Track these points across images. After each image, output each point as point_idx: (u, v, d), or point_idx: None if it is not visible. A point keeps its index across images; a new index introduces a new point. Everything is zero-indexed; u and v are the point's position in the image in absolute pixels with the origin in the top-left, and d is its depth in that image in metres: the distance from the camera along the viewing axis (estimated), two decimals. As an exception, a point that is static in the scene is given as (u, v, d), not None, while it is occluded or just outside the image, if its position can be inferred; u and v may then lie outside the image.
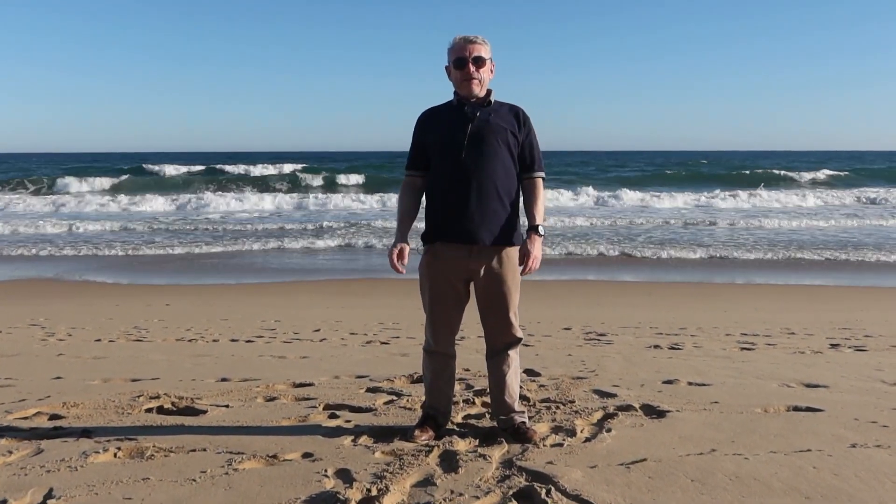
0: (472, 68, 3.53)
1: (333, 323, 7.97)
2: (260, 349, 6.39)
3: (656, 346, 6.36)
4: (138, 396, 4.60)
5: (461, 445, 3.54)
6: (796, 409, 4.20)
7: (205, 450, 3.50)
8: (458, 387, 4.76)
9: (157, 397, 4.54)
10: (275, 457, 3.36)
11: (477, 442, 3.61)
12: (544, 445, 3.51)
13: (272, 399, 4.53)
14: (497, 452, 3.42)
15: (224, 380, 5.12)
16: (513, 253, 3.60)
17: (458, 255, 3.59)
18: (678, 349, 6.26)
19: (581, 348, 6.33)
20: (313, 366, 5.60)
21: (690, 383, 4.86)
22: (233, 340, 6.85)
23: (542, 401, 4.38)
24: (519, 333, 3.81)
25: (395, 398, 4.50)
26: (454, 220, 3.56)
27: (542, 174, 3.68)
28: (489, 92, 3.64)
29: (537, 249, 3.55)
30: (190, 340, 6.87)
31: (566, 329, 7.46)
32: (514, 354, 3.78)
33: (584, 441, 3.60)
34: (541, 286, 12.18)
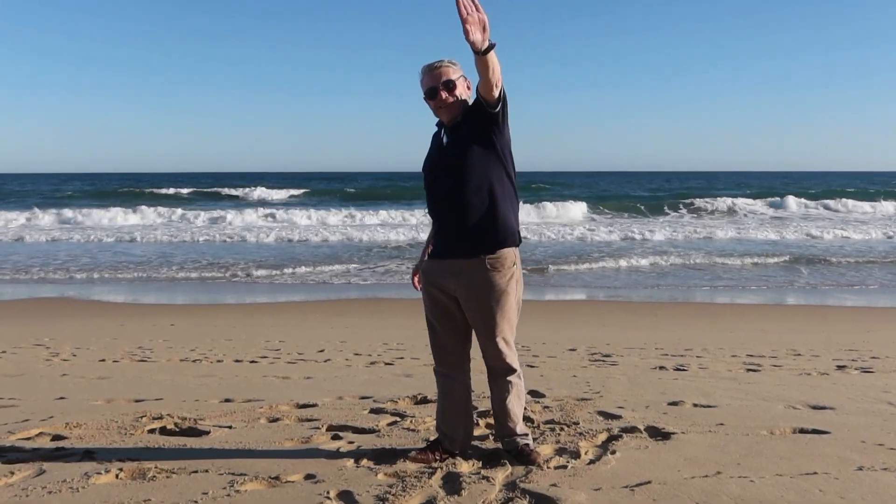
0: (445, 94, 3.45)
1: (338, 343, 7.95)
2: (264, 370, 6.37)
3: (661, 368, 6.33)
4: (141, 417, 4.59)
5: (464, 467, 3.52)
6: (802, 431, 4.17)
7: (207, 471, 3.49)
8: (461, 408, 4.75)
9: (160, 418, 4.53)
10: (277, 478, 3.35)
11: (480, 464, 3.60)
12: (548, 467, 3.49)
13: (275, 420, 4.52)
14: (500, 474, 3.40)
15: (227, 400, 5.11)
16: (496, 264, 3.44)
17: (441, 271, 3.56)
18: (683, 370, 6.23)
19: (586, 369, 6.31)
20: (317, 386, 5.59)
21: (696, 405, 4.84)
22: (237, 361, 6.84)
23: (547, 422, 4.36)
24: (510, 361, 3.60)
25: (398, 419, 4.49)
26: (437, 237, 3.61)
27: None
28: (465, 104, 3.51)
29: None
30: (194, 361, 6.87)
31: (571, 350, 7.44)
32: (514, 380, 3.65)
33: (589, 463, 3.58)
34: (546, 306, 12.16)
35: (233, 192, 48.88)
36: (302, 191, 50.43)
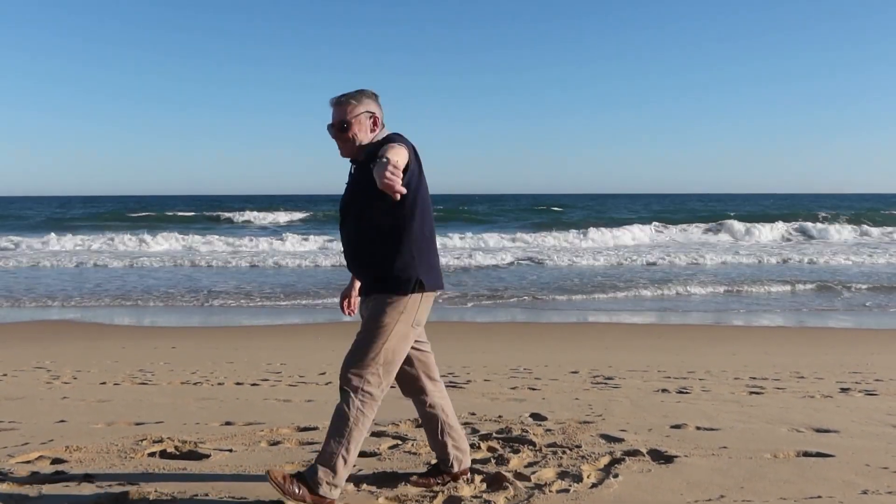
0: (336, 132, 3.36)
1: (339, 366, 7.92)
2: (265, 392, 6.35)
3: (664, 390, 6.30)
4: (142, 440, 4.57)
5: (466, 491, 3.50)
6: (806, 454, 4.15)
7: (207, 495, 3.47)
8: (462, 431, 4.73)
9: (161, 441, 4.51)
10: (278, 503, 3.32)
11: (483, 487, 3.58)
12: (550, 491, 3.48)
13: (276, 443, 4.50)
14: (502, 498, 3.38)
15: (228, 423, 5.09)
16: (386, 307, 3.29)
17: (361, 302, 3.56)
18: (686, 393, 6.20)
19: (588, 392, 6.28)
20: (318, 409, 5.57)
21: (699, 428, 4.81)
22: (238, 384, 6.81)
23: (549, 445, 4.34)
24: (352, 377, 3.32)
25: (399, 443, 4.47)
26: None
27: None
28: (372, 144, 3.33)
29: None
30: (195, 384, 6.84)
31: (573, 373, 7.41)
32: (343, 403, 3.32)
33: (591, 487, 3.56)
34: (549, 329, 12.14)
35: (236, 215, 49.02)
36: (305, 213, 50.61)
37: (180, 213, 48.54)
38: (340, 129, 3.33)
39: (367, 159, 3.24)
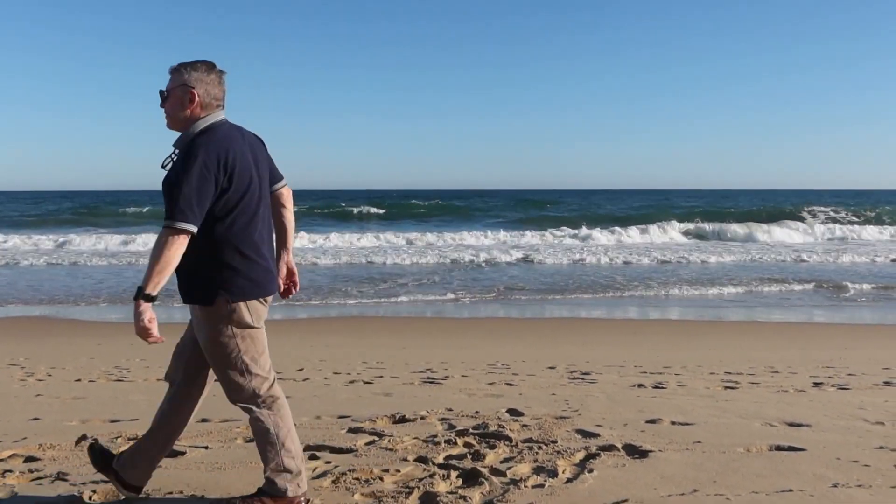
0: (161, 103, 3.11)
1: (317, 362, 7.91)
2: (242, 389, 6.32)
3: (640, 385, 6.34)
4: (116, 437, 4.55)
5: (441, 487, 3.51)
6: (779, 448, 4.19)
7: (181, 492, 3.47)
8: (439, 427, 4.75)
9: (136, 438, 4.47)
10: (254, 496, 3.31)
11: (459, 483, 3.59)
12: (525, 487, 3.49)
13: (252, 440, 4.48)
14: (477, 494, 3.40)
15: (204, 420, 5.06)
16: (198, 312, 3.14)
17: None
18: (662, 388, 6.24)
19: (565, 387, 6.31)
20: (295, 406, 5.52)
21: (673, 423, 4.85)
22: (215, 380, 6.76)
23: (525, 441, 4.35)
24: (240, 401, 3.29)
25: (376, 439, 4.47)
26: None
27: (172, 224, 2.87)
28: (187, 134, 3.06)
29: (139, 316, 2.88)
30: (172, 380, 6.80)
31: (551, 368, 7.44)
32: (252, 420, 3.27)
33: (566, 482, 3.58)
34: (528, 324, 12.19)
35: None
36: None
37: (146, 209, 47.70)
38: (161, 98, 3.09)
39: (180, 148, 3.05)
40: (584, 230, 32.04)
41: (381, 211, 49.03)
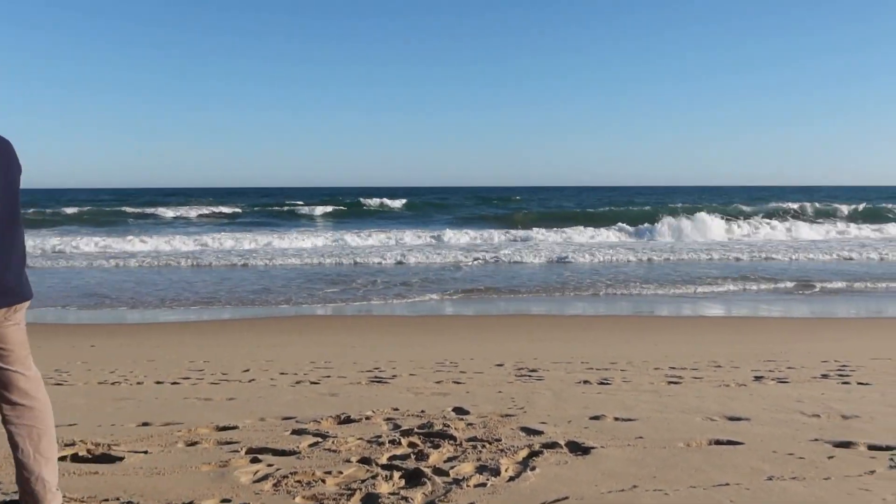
0: None
1: (264, 362, 7.83)
2: (185, 391, 6.23)
3: (586, 382, 6.40)
4: (53, 444, 4.44)
5: (384, 488, 3.50)
6: (718, 442, 4.26)
7: (118, 499, 3.39)
8: (384, 427, 4.74)
9: (73, 444, 4.38)
10: (190, 504, 3.27)
11: (402, 483, 3.58)
12: (468, 486, 3.50)
13: (193, 444, 4.42)
14: (419, 494, 3.39)
15: (145, 424, 4.97)
16: None
17: None
18: (607, 384, 6.31)
19: (512, 385, 6.34)
20: (239, 408, 5.49)
21: (617, 419, 4.90)
22: (158, 383, 6.67)
23: (469, 440, 4.36)
24: None
25: (320, 440, 4.43)
26: None
27: None
28: None
29: None
30: (113, 383, 6.67)
31: (499, 365, 7.47)
32: None
33: (509, 480, 3.60)
34: (477, 321, 12.22)
35: (162, 211, 47.80)
36: (232, 209, 49.70)
37: (84, 209, 46.45)
38: None
39: None
40: (539, 229, 32.06)
41: (334, 209, 48.75)
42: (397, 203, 54.86)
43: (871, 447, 4.11)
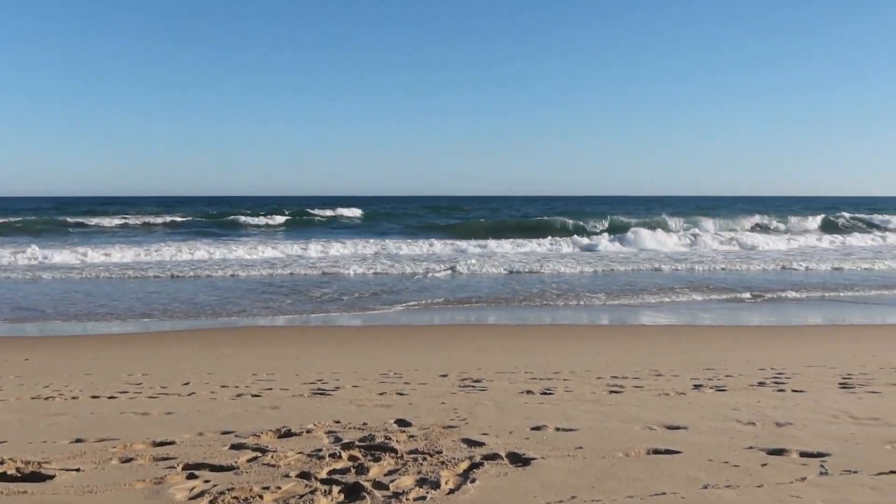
0: None
1: (205, 375, 7.71)
2: (122, 406, 6.09)
3: (529, 392, 6.43)
4: (-20, 462, 4.30)
5: (322, 502, 3.46)
6: (656, 451, 4.31)
7: (47, 519, 3.29)
8: (325, 440, 4.69)
9: (2, 463, 4.25)
10: (122, 524, 3.19)
11: (340, 498, 3.54)
12: (407, 500, 3.48)
13: (128, 460, 4.31)
14: (358, 509, 3.36)
15: (79, 440, 4.84)
16: None
17: None
18: (550, 394, 6.35)
19: (455, 396, 6.34)
20: (178, 422, 5.38)
21: (558, 429, 4.93)
22: (94, 397, 6.51)
23: (410, 452, 4.34)
24: None
25: (259, 455, 4.36)
26: None
27: None
28: None
29: None
30: (47, 398, 6.49)
31: (443, 376, 7.46)
32: None
33: (448, 493, 3.59)
34: (422, 332, 12.19)
35: (102, 220, 46.75)
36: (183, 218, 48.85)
37: (19, 219, 45.18)
38: None
39: None
40: (486, 240, 32.03)
41: (281, 219, 48.25)
42: (346, 212, 54.63)
43: (803, 454, 4.20)
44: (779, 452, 4.25)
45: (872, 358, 8.67)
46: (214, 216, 50.34)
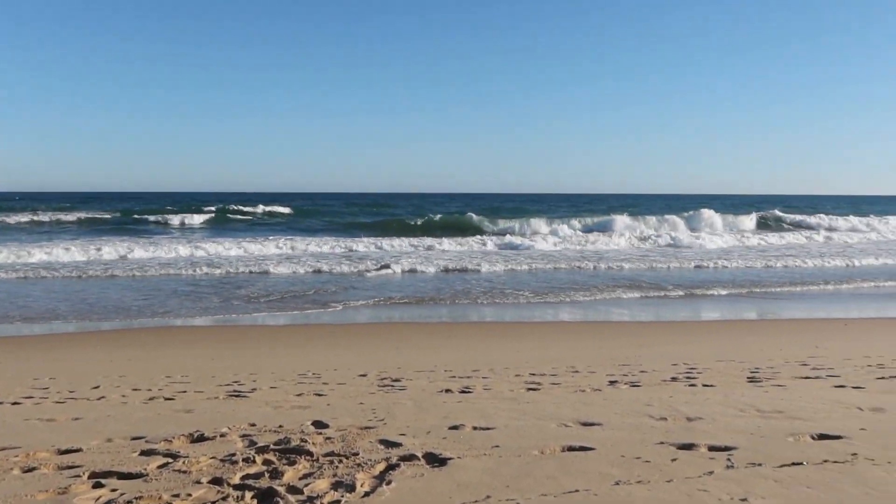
0: None
1: (116, 378, 7.48)
2: (27, 412, 5.86)
3: (447, 391, 6.44)
4: None
5: (234, 509, 3.39)
6: (571, 449, 4.36)
7: (-61, 535, 3.14)
8: (239, 444, 4.60)
9: None
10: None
11: (255, 503, 3.48)
12: (321, 503, 3.44)
13: (31, 469, 4.14)
14: (270, 515, 3.30)
15: (-22, 450, 4.64)
16: None
17: None
18: (469, 392, 6.37)
19: (374, 395, 6.30)
20: (85, 428, 5.21)
21: (475, 427, 4.94)
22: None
23: (326, 455, 4.29)
24: None
25: (170, 461, 4.25)
26: None
27: None
28: None
29: None
30: (-55, 405, 6.20)
31: (362, 376, 7.42)
32: None
33: (363, 496, 3.56)
34: (342, 331, 12.10)
35: (7, 216, 44.88)
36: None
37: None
38: None
39: None
40: (416, 238, 31.92)
41: (202, 218, 47.17)
42: (272, 209, 53.89)
43: (712, 448, 4.32)
44: (688, 447, 4.36)
45: (779, 352, 8.99)
46: (128, 212, 48.98)
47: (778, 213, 53.14)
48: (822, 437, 4.47)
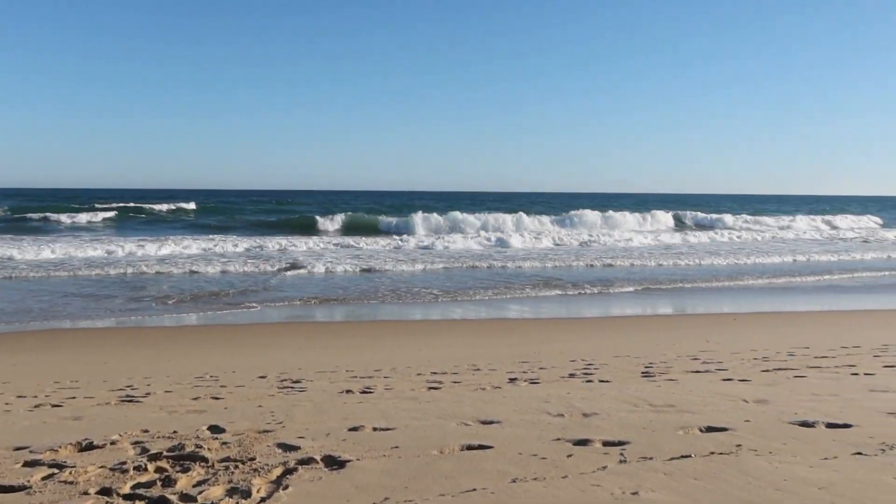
0: None
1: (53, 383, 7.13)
2: None
3: (348, 391, 6.40)
4: None
5: (124, 520, 3.28)
6: (469, 447, 4.40)
7: None
8: (131, 451, 4.46)
9: None
10: None
11: (146, 513, 3.38)
12: (216, 512, 3.36)
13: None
14: (161, 525, 3.21)
15: None
16: None
17: None
18: (370, 392, 6.35)
19: (273, 398, 6.21)
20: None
21: (375, 428, 4.93)
22: None
23: (222, 460, 4.20)
24: None
25: (56, 471, 4.08)
26: None
27: None
28: None
29: None
30: None
31: (261, 377, 7.30)
32: None
33: (259, 502, 3.50)
34: (240, 331, 11.87)
35: None
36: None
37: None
38: None
39: None
40: (324, 236, 31.61)
41: (100, 216, 45.37)
42: (176, 206, 52.41)
43: (606, 443, 4.43)
44: (584, 443, 4.46)
45: (671, 347, 9.31)
46: (18, 209, 46.75)
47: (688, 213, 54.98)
48: (710, 429, 4.65)
